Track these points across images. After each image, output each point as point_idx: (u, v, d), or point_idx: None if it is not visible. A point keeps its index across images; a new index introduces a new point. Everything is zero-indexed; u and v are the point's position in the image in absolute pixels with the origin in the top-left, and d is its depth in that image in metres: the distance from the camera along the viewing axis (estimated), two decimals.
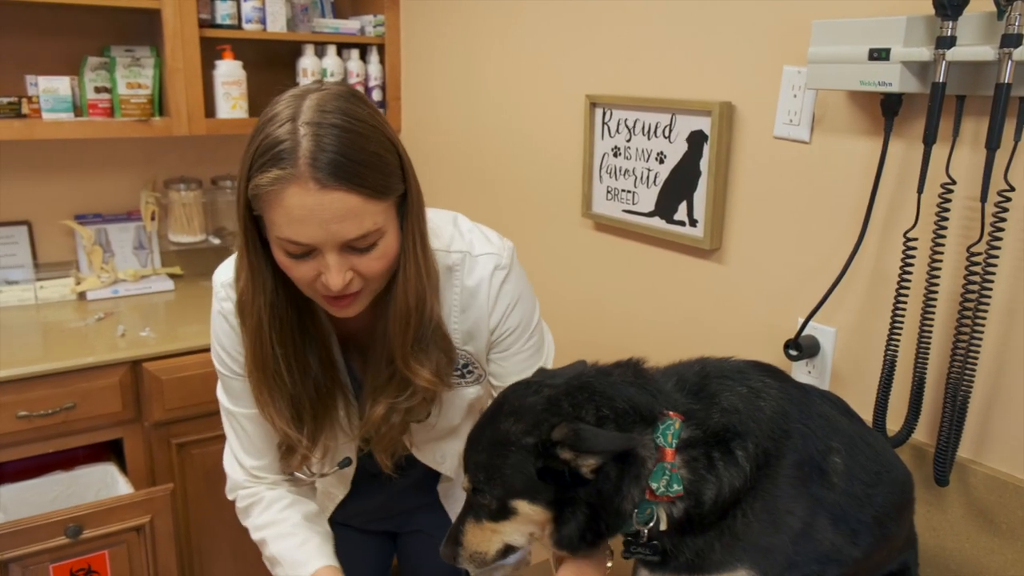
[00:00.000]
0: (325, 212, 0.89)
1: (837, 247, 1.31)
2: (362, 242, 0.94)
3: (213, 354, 1.15)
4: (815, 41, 1.19)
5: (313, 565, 1.11)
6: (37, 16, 2.33)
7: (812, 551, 0.88)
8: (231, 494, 1.22)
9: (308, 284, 0.97)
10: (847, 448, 0.91)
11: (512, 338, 1.16)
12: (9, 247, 2.43)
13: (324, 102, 0.90)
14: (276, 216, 0.90)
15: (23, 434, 1.91)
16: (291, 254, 0.93)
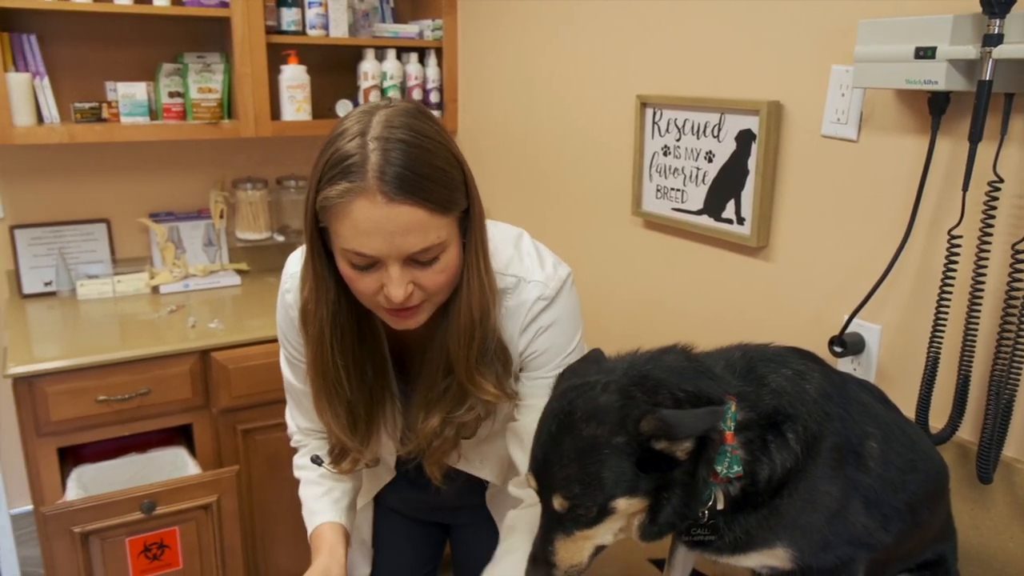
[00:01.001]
0: (391, 225, 0.91)
1: (883, 245, 1.32)
2: (425, 255, 0.95)
3: (278, 331, 1.22)
4: (861, 40, 1.20)
5: (320, 518, 1.21)
6: (117, 26, 2.47)
7: (845, 532, 0.90)
8: (290, 439, 1.35)
9: (370, 297, 0.99)
10: (883, 434, 0.93)
11: (540, 360, 1.13)
12: (90, 243, 2.58)
13: (392, 118, 0.93)
14: (343, 228, 0.92)
15: (102, 417, 2.03)
16: (355, 266, 0.95)
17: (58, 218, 2.53)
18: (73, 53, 2.43)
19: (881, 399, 1.02)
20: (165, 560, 1.86)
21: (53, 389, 1.96)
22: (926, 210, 1.24)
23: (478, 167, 2.65)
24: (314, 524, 1.22)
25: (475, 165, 1.09)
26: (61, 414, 1.98)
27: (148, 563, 1.83)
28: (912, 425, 1.01)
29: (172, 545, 1.85)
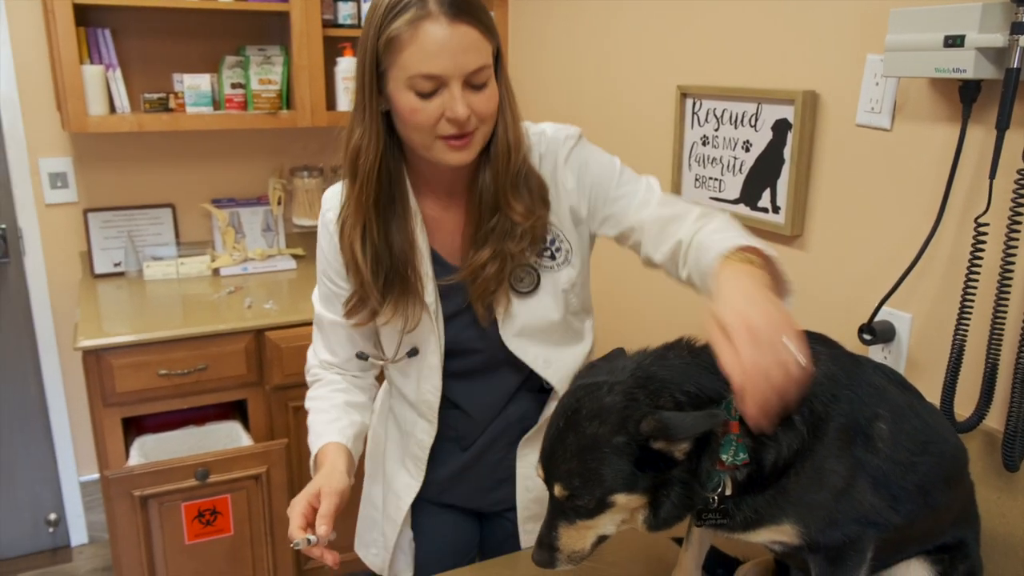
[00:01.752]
0: (454, 43, 1.04)
1: (915, 234, 1.32)
2: (478, 77, 1.08)
3: (317, 263, 1.30)
4: (893, 29, 1.21)
5: (324, 439, 1.24)
6: (184, 21, 2.59)
7: (852, 511, 0.92)
8: (306, 373, 1.38)
9: (431, 127, 1.09)
10: (894, 416, 0.95)
11: (605, 184, 1.23)
12: (156, 227, 2.72)
13: None
14: (411, 55, 1.04)
15: (163, 390, 2.15)
16: (420, 93, 1.06)
17: (127, 203, 2.67)
18: (143, 46, 2.57)
19: (898, 382, 1.03)
20: (217, 526, 1.96)
21: (119, 362, 2.08)
22: (957, 199, 1.24)
23: None
24: (317, 447, 1.24)
25: None
26: (126, 386, 2.11)
27: (202, 527, 1.94)
28: (930, 408, 1.02)
29: (224, 512, 1.96)
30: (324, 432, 1.25)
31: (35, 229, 2.56)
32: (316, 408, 1.31)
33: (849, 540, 0.94)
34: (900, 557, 1.06)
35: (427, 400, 1.31)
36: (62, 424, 2.72)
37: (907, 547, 1.05)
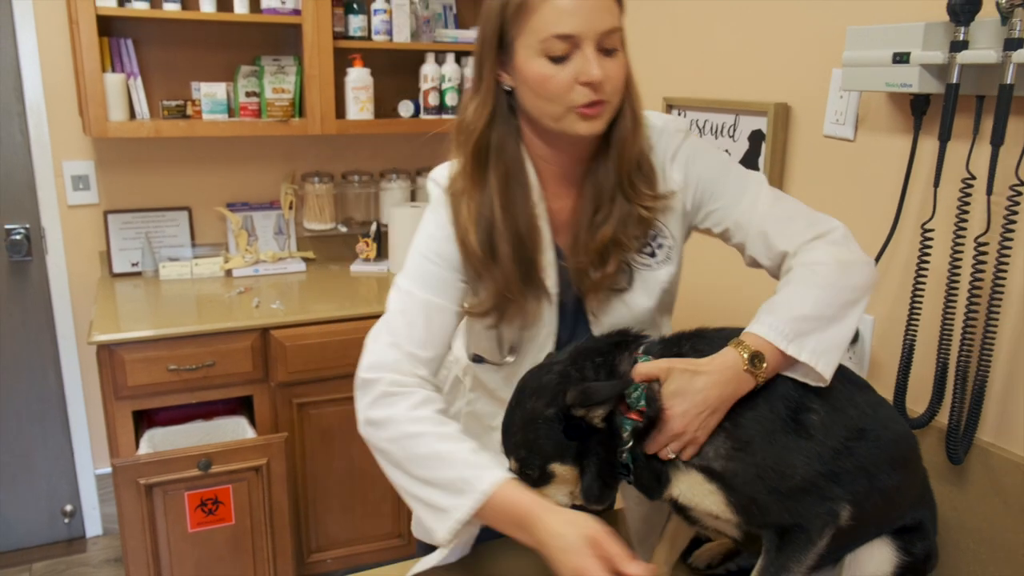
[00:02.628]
0: (586, 5, 1.01)
1: (877, 239, 1.38)
2: (610, 40, 1.04)
3: (419, 243, 1.16)
4: (849, 45, 1.28)
5: (497, 472, 0.99)
6: (202, 32, 2.71)
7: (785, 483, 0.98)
8: (371, 372, 1.09)
9: (565, 93, 1.04)
10: (828, 407, 1.01)
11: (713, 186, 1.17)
12: (173, 229, 2.83)
13: None
14: (543, 16, 1.01)
15: (172, 384, 2.25)
16: (553, 58, 1.02)
17: (146, 205, 2.78)
18: (164, 56, 2.69)
19: (844, 377, 1.09)
20: (219, 515, 2.05)
21: (130, 357, 2.19)
22: (912, 206, 1.30)
23: None
24: (486, 482, 0.98)
25: None
26: (136, 380, 2.21)
27: (204, 516, 2.03)
28: (875, 400, 1.08)
29: (226, 502, 2.05)
30: (478, 462, 1.00)
31: (57, 229, 2.68)
32: (441, 434, 1.03)
33: (798, 523, 1.00)
34: (863, 540, 1.11)
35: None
36: (79, 418, 2.83)
37: (868, 530, 1.11)
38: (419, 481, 1.02)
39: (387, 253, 2.87)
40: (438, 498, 0.99)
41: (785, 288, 1.06)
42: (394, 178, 2.98)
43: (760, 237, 1.13)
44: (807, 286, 1.03)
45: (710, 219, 1.18)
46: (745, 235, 1.15)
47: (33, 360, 2.75)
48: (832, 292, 1.02)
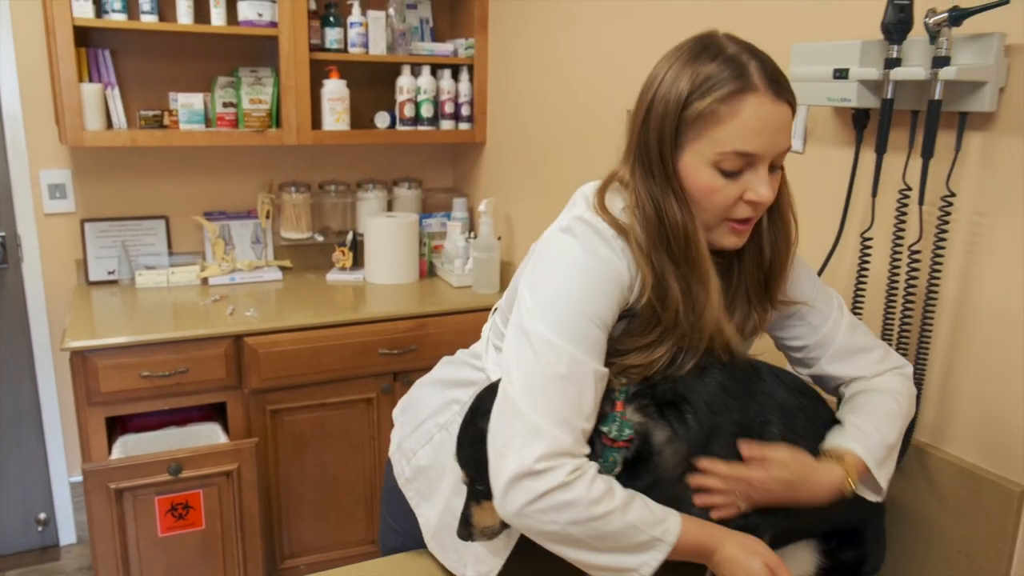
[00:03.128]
0: (775, 122, 0.96)
1: (826, 247, 1.43)
2: (780, 159, 1.01)
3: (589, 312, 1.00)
4: (794, 61, 1.33)
5: (675, 522, 1.00)
6: (180, 43, 2.74)
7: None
8: (540, 464, 0.95)
9: (726, 208, 1.00)
10: (785, 419, 1.07)
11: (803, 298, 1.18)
12: (150, 237, 2.85)
13: (739, 39, 1.02)
14: (729, 130, 0.96)
15: (144, 391, 2.27)
16: (726, 172, 0.98)
17: (123, 214, 2.81)
18: (141, 66, 2.72)
19: (793, 386, 1.14)
20: (189, 520, 2.07)
21: (103, 363, 2.20)
22: (855, 216, 1.35)
23: (505, 175, 2.84)
24: (676, 525, 0.99)
25: (502, 174, 1.27)
26: (109, 386, 2.22)
27: (174, 521, 2.05)
28: (821, 409, 1.13)
29: (196, 506, 2.07)
30: (657, 515, 1.00)
31: (34, 237, 2.69)
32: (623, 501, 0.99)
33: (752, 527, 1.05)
34: (789, 541, 1.16)
35: None
36: (54, 426, 2.84)
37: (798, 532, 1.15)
38: (605, 552, 0.99)
39: (363, 262, 2.90)
40: (626, 561, 0.98)
41: (873, 409, 1.12)
42: (370, 188, 3.01)
43: (834, 360, 1.17)
44: (893, 416, 1.12)
45: (788, 331, 1.19)
46: (820, 355, 1.18)
47: (8, 368, 2.76)
48: (903, 421, 1.14)
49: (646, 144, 1.01)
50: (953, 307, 1.21)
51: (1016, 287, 1.12)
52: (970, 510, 1.20)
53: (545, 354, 0.97)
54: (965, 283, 1.19)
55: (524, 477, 0.94)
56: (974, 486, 1.19)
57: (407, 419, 1.40)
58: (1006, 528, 1.16)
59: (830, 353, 1.17)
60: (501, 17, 2.78)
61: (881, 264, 1.28)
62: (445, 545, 1.29)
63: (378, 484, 2.63)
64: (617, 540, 0.97)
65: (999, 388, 1.16)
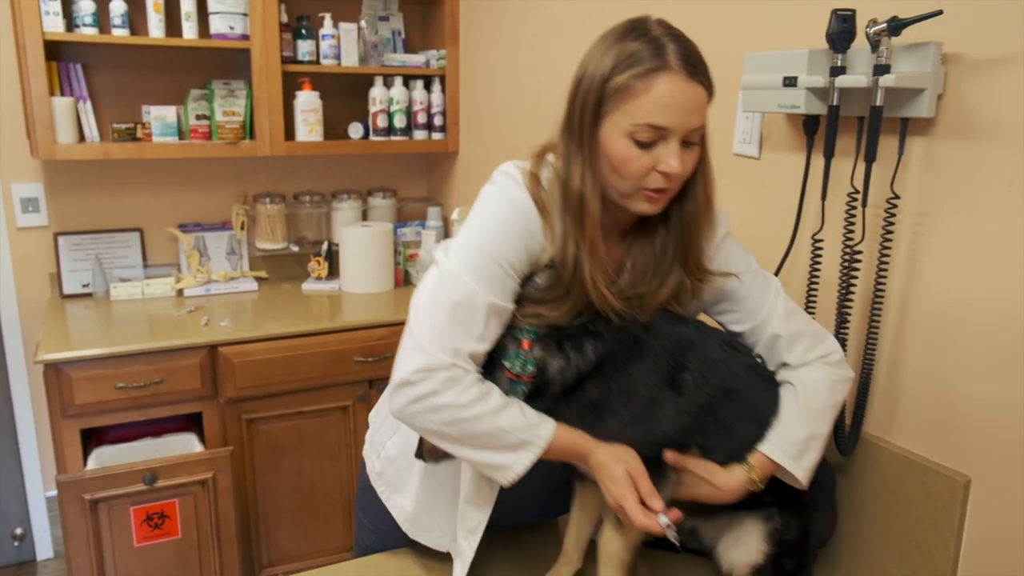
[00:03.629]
0: (686, 100, 1.05)
1: (781, 249, 1.48)
2: (695, 135, 1.09)
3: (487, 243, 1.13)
4: (747, 70, 1.38)
5: (547, 422, 1.12)
6: (152, 56, 2.76)
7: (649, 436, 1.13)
8: (415, 375, 1.11)
9: (639, 177, 1.08)
10: (702, 368, 1.14)
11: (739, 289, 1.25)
12: (124, 250, 2.86)
13: (666, 24, 1.10)
14: (643, 104, 1.04)
15: (119, 402, 2.28)
16: (640, 143, 1.06)
17: (96, 227, 2.81)
18: (113, 80, 2.73)
19: (725, 342, 1.21)
20: (165, 529, 2.08)
21: (77, 375, 2.21)
22: (808, 219, 1.40)
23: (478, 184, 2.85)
24: (546, 431, 1.12)
25: (475, 182, 1.31)
26: (84, 398, 2.23)
27: (150, 531, 2.06)
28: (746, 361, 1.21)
29: (172, 516, 2.08)
30: (530, 421, 1.12)
31: (6, 251, 2.69)
32: (493, 408, 1.11)
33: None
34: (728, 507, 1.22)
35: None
36: (29, 440, 2.83)
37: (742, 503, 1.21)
38: (480, 449, 1.12)
39: (339, 272, 2.92)
40: (500, 458, 1.12)
41: (787, 405, 1.20)
42: (345, 198, 3.04)
43: (768, 346, 1.25)
44: (807, 410, 1.19)
45: (726, 316, 1.27)
46: (756, 340, 1.26)
47: None
48: (823, 412, 1.20)
49: (572, 115, 1.11)
50: (899, 304, 1.26)
51: (957, 284, 1.17)
52: (919, 501, 1.24)
53: (445, 284, 1.11)
54: (909, 281, 1.24)
55: (403, 385, 1.11)
56: (923, 477, 1.24)
57: (377, 416, 1.45)
58: (952, 517, 1.20)
59: (765, 339, 1.24)
60: (472, 28, 2.82)
61: (832, 264, 1.33)
62: (427, 526, 1.36)
63: (354, 492, 2.65)
64: (488, 440, 1.10)
65: (943, 382, 1.21)
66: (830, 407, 1.20)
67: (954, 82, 1.15)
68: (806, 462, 1.17)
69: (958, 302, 1.18)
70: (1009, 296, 1.11)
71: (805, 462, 1.17)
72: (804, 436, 1.17)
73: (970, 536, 1.19)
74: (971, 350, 1.17)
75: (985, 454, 1.16)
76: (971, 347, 1.17)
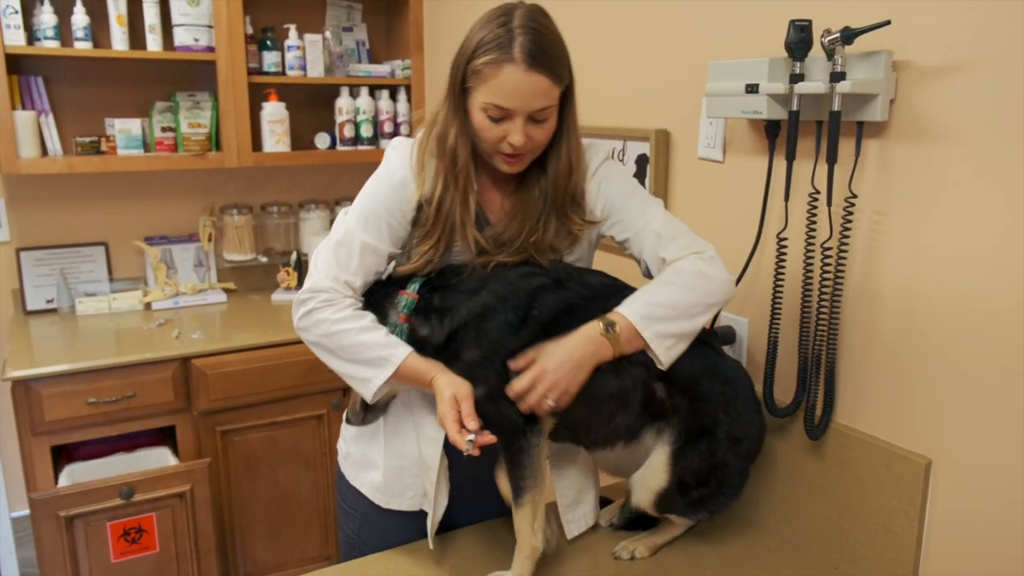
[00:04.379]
0: (526, 88, 1.22)
1: (747, 248, 1.54)
2: (541, 115, 1.26)
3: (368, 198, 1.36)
4: (711, 78, 1.44)
5: (402, 348, 1.31)
6: (115, 69, 2.75)
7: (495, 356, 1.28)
8: (305, 295, 1.34)
9: (494, 143, 1.28)
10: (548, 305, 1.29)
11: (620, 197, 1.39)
12: (89, 264, 2.83)
13: (529, 12, 1.25)
14: (490, 87, 1.23)
15: (92, 418, 2.26)
16: (491, 118, 1.25)
17: (60, 241, 2.79)
18: (76, 93, 2.71)
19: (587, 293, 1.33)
20: (143, 544, 2.07)
21: (47, 392, 2.19)
22: (772, 218, 1.46)
23: None
24: (398, 356, 1.30)
25: None
26: (54, 415, 2.21)
27: (127, 546, 2.05)
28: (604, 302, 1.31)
29: (150, 530, 2.07)
30: (391, 342, 1.32)
31: None
32: (360, 327, 1.33)
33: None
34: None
35: None
36: None
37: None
38: (348, 362, 1.34)
39: None
40: (364, 372, 1.32)
41: (652, 282, 1.32)
42: (313, 208, 3.05)
43: (651, 249, 1.36)
44: (668, 284, 1.30)
45: (615, 228, 1.41)
46: (641, 246, 1.38)
47: None
48: (686, 293, 1.28)
49: (450, 82, 1.29)
50: (860, 297, 1.33)
51: (913, 276, 1.24)
52: (885, 484, 1.31)
53: (337, 229, 1.37)
54: (869, 274, 1.31)
55: (297, 302, 1.35)
56: (887, 461, 1.31)
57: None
58: (916, 498, 1.27)
59: (648, 241, 1.36)
60: (435, 38, 2.86)
61: (796, 261, 1.39)
62: (398, 491, 1.48)
63: (331, 501, 2.66)
64: (354, 353, 1.32)
65: (903, 369, 1.28)
66: (692, 287, 1.28)
67: (905, 87, 1.22)
68: (657, 328, 1.25)
69: (914, 295, 1.25)
70: (960, 288, 1.18)
71: (655, 327, 1.25)
72: (657, 301, 1.26)
73: (932, 514, 1.26)
74: (927, 339, 1.24)
75: (944, 436, 1.23)
76: (927, 336, 1.24)
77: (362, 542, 1.53)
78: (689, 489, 1.35)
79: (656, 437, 1.36)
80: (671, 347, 1.27)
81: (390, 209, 1.35)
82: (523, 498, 1.31)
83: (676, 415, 1.34)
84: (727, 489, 1.38)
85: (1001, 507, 1.17)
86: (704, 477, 1.35)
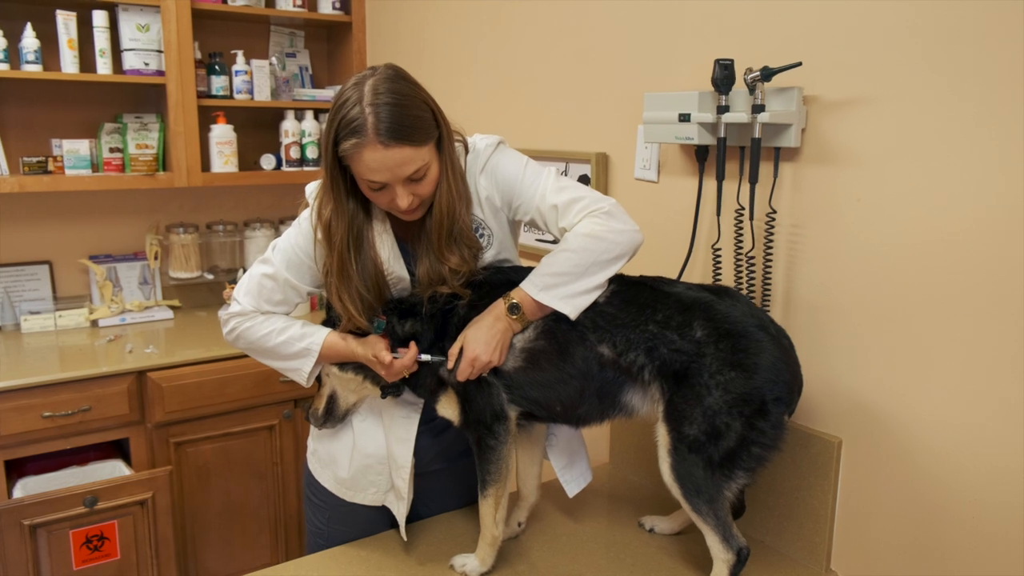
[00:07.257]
0: (390, 162, 1.28)
1: (680, 259, 1.74)
2: (417, 175, 1.32)
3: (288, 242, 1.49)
4: (647, 107, 1.63)
5: (320, 334, 1.49)
6: (64, 91, 2.79)
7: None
8: (226, 316, 1.52)
9: (387, 206, 1.37)
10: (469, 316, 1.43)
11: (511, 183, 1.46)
12: (33, 283, 2.84)
13: (377, 86, 1.30)
14: (359, 167, 1.31)
15: (47, 432, 2.29)
16: (372, 188, 1.34)
17: (3, 260, 2.79)
18: (23, 114, 2.74)
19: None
20: (105, 551, 2.11)
21: (2, 406, 2.21)
22: (703, 232, 1.67)
23: None
24: (319, 337, 1.49)
25: None
26: (9, 429, 2.23)
27: (89, 553, 2.09)
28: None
29: (111, 537, 2.11)
30: (307, 332, 1.50)
31: None
32: (278, 328, 1.49)
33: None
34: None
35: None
36: None
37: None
38: (279, 359, 1.53)
39: None
40: (293, 364, 1.52)
41: (551, 252, 1.41)
42: (258, 227, 3.13)
43: (553, 222, 1.44)
44: (563, 251, 1.39)
45: (518, 212, 1.49)
46: (545, 222, 1.46)
47: None
48: (581, 256, 1.37)
49: (325, 159, 1.36)
50: (782, 300, 1.53)
51: (825, 281, 1.45)
52: (804, 463, 1.51)
53: (268, 260, 1.50)
54: (789, 280, 1.52)
55: (223, 323, 1.53)
56: (805, 442, 1.51)
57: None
58: (829, 473, 1.47)
59: (550, 217, 1.44)
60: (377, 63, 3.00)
61: (728, 269, 1.59)
62: (362, 486, 1.61)
63: (282, 509, 2.73)
64: (280, 352, 1.51)
65: (818, 362, 1.49)
66: (586, 249, 1.36)
67: (814, 118, 1.44)
68: (559, 292, 1.36)
69: (825, 297, 1.46)
70: (864, 289, 1.39)
71: (558, 292, 1.36)
72: (552, 271, 1.36)
73: (843, 487, 1.47)
74: (837, 335, 1.45)
75: (852, 419, 1.44)
76: (836, 333, 1.45)
77: (331, 531, 1.65)
78: (701, 445, 1.28)
79: (644, 399, 1.37)
80: (575, 301, 1.36)
81: (308, 253, 1.47)
82: (487, 491, 1.44)
83: (644, 370, 1.34)
84: (754, 436, 1.27)
85: (900, 480, 1.38)
86: (709, 427, 1.27)
